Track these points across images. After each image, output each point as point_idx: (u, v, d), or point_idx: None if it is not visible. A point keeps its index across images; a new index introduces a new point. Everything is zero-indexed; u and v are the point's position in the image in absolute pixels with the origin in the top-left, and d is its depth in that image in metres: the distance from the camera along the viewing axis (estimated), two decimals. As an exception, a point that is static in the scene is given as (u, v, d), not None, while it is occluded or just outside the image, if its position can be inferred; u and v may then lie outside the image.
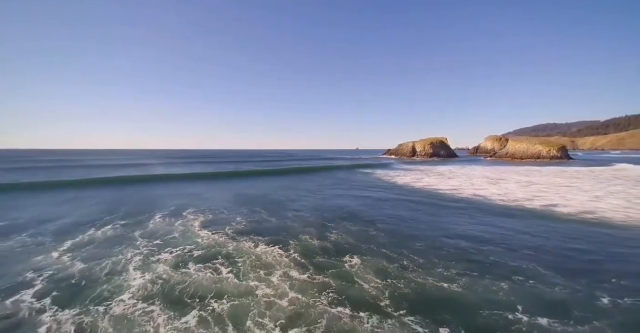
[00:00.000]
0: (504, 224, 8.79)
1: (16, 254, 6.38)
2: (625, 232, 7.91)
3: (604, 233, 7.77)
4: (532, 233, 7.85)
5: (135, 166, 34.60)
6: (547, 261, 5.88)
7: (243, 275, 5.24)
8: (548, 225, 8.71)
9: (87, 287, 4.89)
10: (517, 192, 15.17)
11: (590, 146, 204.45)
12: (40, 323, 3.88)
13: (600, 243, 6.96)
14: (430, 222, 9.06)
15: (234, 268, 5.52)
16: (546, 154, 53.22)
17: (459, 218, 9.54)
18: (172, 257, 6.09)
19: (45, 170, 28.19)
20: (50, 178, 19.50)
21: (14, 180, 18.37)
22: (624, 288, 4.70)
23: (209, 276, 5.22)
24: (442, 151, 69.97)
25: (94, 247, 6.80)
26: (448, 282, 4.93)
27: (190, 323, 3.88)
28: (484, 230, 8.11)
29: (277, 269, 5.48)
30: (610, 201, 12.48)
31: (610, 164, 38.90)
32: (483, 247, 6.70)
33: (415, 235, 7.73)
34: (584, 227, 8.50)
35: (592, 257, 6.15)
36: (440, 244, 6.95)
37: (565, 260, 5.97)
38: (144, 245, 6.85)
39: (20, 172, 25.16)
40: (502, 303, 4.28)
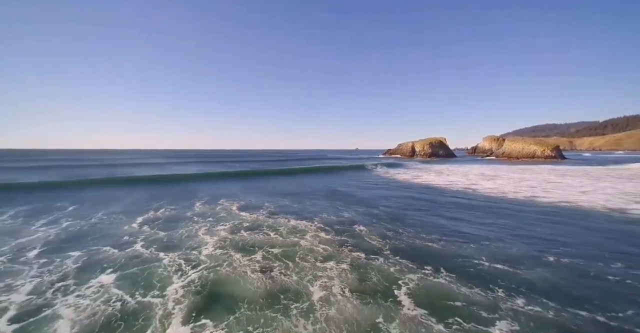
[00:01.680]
0: (485, 209, 10.81)
1: (106, 226, 8.38)
2: (589, 214, 9.93)
3: (565, 215, 9.80)
4: (505, 214, 9.88)
5: (150, 165, 36.58)
6: (510, 233, 7.88)
7: (285, 236, 7.27)
8: (521, 209, 10.72)
9: (177, 242, 6.90)
10: (508, 187, 17.20)
11: (588, 146, 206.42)
12: (160, 259, 5.87)
13: (556, 223, 8.98)
14: (422, 206, 11.08)
15: (277, 233, 7.55)
16: (541, 154, 55.24)
17: (448, 204, 11.56)
18: (228, 227, 8.11)
19: (66, 169, 30.18)
20: (84, 177, 21.52)
21: (64, 179, 20.38)
22: (561, 251, 6.72)
23: (261, 237, 7.24)
24: (440, 151, 71.99)
25: (162, 222, 8.81)
26: (431, 242, 6.91)
27: (257, 258, 5.88)
28: (465, 212, 10.14)
29: (308, 233, 7.51)
30: (593, 195, 14.49)
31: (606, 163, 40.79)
32: (460, 222, 8.72)
33: (409, 214, 9.77)
34: (550, 209, 10.52)
35: (546, 230, 8.16)
36: (429, 219, 8.99)
37: (524, 232, 7.98)
38: (200, 221, 8.87)
39: (42, 171, 27.14)
40: (471, 256, 6.17)
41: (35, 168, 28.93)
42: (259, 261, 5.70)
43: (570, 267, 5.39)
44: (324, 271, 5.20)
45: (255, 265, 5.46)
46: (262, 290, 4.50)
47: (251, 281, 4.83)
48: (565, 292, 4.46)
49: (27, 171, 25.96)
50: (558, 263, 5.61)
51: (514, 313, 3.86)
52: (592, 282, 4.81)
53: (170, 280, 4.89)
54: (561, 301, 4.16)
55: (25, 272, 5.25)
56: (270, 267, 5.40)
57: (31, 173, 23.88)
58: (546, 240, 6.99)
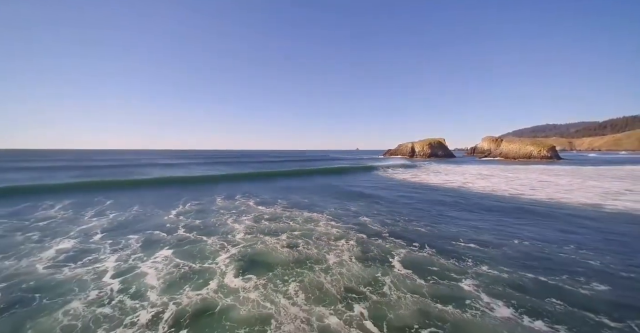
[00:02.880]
0: (472, 204, 12.27)
1: (148, 217, 9.85)
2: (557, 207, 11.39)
3: (540, 209, 11.26)
4: (488, 208, 11.34)
5: (156, 166, 38.08)
6: (487, 223, 9.35)
7: (302, 223, 8.76)
8: (504, 204, 12.19)
9: (212, 228, 8.37)
10: (500, 185, 18.65)
11: (588, 147, 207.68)
12: (204, 240, 7.32)
13: (531, 215, 10.44)
14: (418, 201, 12.56)
15: (294, 221, 9.03)
16: (537, 154, 56.67)
17: (441, 200, 13.03)
18: (251, 218, 9.59)
19: (77, 169, 31.71)
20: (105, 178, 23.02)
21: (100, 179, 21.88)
22: (526, 236, 8.19)
23: (282, 224, 8.72)
24: (439, 151, 73.44)
25: (193, 214, 10.29)
26: (420, 228, 8.38)
27: (282, 238, 7.33)
28: (454, 206, 11.60)
29: (320, 221, 8.99)
30: (576, 192, 15.95)
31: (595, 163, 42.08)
32: (448, 214, 10.20)
33: (405, 207, 11.25)
34: (529, 205, 11.98)
35: (519, 221, 9.62)
36: (421, 212, 10.46)
37: (500, 222, 9.45)
38: (226, 213, 10.35)
39: (53, 172, 28.67)
40: (450, 238, 7.57)
41: (44, 169, 30.46)
42: (285, 240, 7.18)
43: (529, 247, 6.83)
44: (336, 246, 6.68)
45: (282, 243, 6.94)
46: (291, 258, 5.98)
47: (281, 252, 6.31)
48: (519, 263, 5.88)
49: (44, 171, 27.50)
50: (520, 244, 7.06)
51: (476, 275, 5.29)
52: (543, 256, 6.24)
53: (217, 253, 6.36)
54: (515, 268, 5.58)
55: (102, 249, 6.72)
56: (295, 243, 6.88)
57: (50, 173, 25.41)
58: (516, 228, 8.44)
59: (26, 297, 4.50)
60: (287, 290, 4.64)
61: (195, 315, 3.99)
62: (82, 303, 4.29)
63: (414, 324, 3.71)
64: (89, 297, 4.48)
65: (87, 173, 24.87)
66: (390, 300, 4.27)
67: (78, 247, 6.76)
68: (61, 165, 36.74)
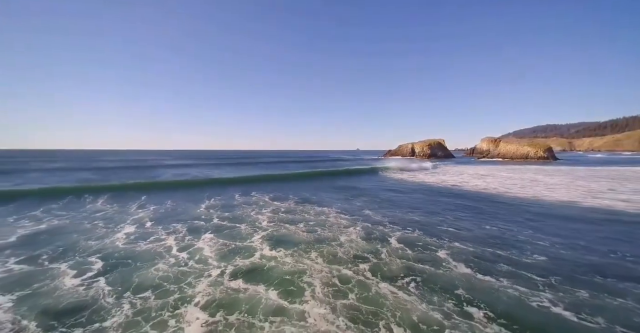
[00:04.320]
0: (461, 199, 13.98)
1: (183, 209, 11.59)
2: (539, 204, 13.09)
3: (519, 204, 12.95)
4: (474, 202, 13.05)
5: (167, 166, 39.90)
6: (469, 213, 11.06)
7: (315, 215, 10.50)
8: (489, 198, 13.88)
9: (240, 218, 10.09)
10: (493, 184, 20.33)
11: (587, 147, 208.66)
12: (237, 226, 9.05)
13: (508, 208, 12.14)
14: (414, 197, 14.28)
15: (308, 214, 10.77)
16: (534, 155, 58.26)
17: (434, 195, 14.75)
18: (270, 211, 11.31)
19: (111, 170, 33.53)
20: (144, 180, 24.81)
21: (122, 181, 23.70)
22: (496, 223, 9.90)
23: (297, 216, 10.44)
24: (439, 152, 75.10)
25: (220, 207, 12.02)
26: (414, 217, 10.10)
27: (300, 226, 9.04)
28: (445, 200, 13.32)
29: (331, 214, 10.73)
30: (559, 191, 17.63)
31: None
32: (438, 207, 11.92)
33: (402, 202, 12.97)
34: (511, 200, 13.68)
35: (499, 211, 11.32)
36: (416, 205, 12.18)
37: (480, 213, 11.15)
38: (246, 207, 12.08)
39: (102, 172, 30.50)
40: (436, 223, 9.34)
41: (59, 170, 32.32)
42: (303, 227, 8.93)
43: (495, 231, 8.51)
44: (345, 231, 8.42)
45: (301, 228, 8.69)
46: (311, 238, 7.71)
47: (302, 235, 8.05)
48: (483, 241, 7.56)
49: (59, 172, 29.35)
50: (490, 229, 8.76)
51: (449, 248, 6.99)
52: (503, 237, 7.91)
53: (251, 235, 8.09)
54: (479, 245, 7.26)
55: (159, 233, 8.45)
56: (312, 229, 8.63)
57: (66, 175, 27.26)
58: (491, 218, 10.14)
59: (123, 262, 6.25)
60: (311, 257, 6.37)
61: (249, 272, 5.72)
62: (166, 265, 6.02)
63: (401, 275, 5.43)
64: (169, 262, 6.22)
65: (103, 175, 26.68)
66: (386, 262, 6.00)
67: (140, 231, 8.52)
68: (77, 166, 38.62)
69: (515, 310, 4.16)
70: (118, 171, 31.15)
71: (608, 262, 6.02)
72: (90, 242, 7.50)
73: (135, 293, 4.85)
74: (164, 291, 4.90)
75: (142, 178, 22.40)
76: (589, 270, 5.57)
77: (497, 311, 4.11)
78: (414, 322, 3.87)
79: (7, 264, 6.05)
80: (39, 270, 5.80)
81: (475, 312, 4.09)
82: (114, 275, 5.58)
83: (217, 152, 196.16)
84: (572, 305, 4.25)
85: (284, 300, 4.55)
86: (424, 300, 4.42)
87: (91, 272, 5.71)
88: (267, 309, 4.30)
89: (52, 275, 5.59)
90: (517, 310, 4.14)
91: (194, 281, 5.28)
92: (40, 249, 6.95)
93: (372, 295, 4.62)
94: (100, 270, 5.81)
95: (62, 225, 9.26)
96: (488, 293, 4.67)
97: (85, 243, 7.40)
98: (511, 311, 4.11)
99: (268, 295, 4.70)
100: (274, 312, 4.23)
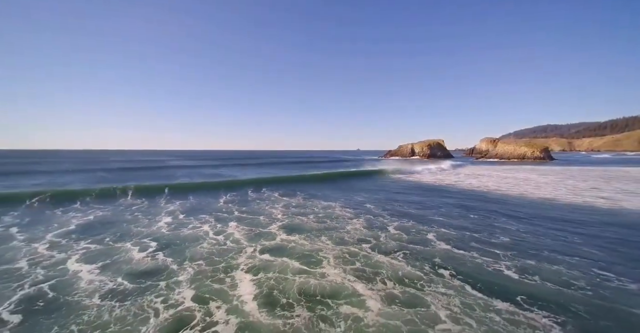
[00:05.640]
0: (452, 195, 15.50)
1: (205, 203, 13.14)
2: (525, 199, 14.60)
3: (503, 199, 14.47)
4: (465, 197, 14.57)
5: (176, 168, 41.49)
6: (455, 205, 12.58)
7: (323, 209, 12.03)
8: (479, 195, 15.40)
9: (257, 211, 11.62)
10: (488, 183, 21.81)
11: (587, 147, 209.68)
12: (257, 217, 10.56)
13: (491, 202, 13.66)
14: (411, 194, 15.81)
15: (316, 207, 12.30)
16: (530, 155, 59.70)
17: (430, 193, 16.28)
18: (281, 205, 12.86)
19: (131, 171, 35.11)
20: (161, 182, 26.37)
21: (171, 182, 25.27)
22: (477, 212, 11.43)
23: (307, 210, 11.97)
24: (438, 152, 76.58)
25: (237, 202, 13.56)
26: (409, 210, 11.62)
27: (311, 217, 10.56)
28: (437, 196, 14.84)
29: (336, 208, 12.27)
30: (546, 189, 19.13)
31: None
32: (431, 201, 13.45)
33: (399, 197, 14.51)
34: (497, 196, 15.20)
35: (484, 204, 12.84)
36: (411, 199, 13.71)
37: (464, 206, 12.67)
38: (260, 202, 13.63)
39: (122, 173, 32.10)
40: (428, 214, 10.87)
41: (70, 172, 33.92)
42: (313, 218, 10.47)
43: (476, 219, 10.04)
44: (350, 221, 9.96)
45: (312, 219, 10.23)
46: (321, 227, 9.25)
47: (313, 224, 9.58)
48: (464, 226, 9.07)
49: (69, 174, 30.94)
50: (472, 218, 10.30)
51: (436, 232, 8.50)
52: (481, 224, 9.42)
53: (270, 224, 9.62)
54: (459, 229, 8.76)
55: (192, 222, 9.95)
56: (321, 219, 10.18)
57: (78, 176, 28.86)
58: (475, 209, 11.66)
59: (173, 242, 7.78)
60: (323, 240, 7.90)
61: (275, 249, 7.24)
62: (208, 245, 7.56)
63: (395, 250, 6.96)
64: (210, 242, 7.76)
65: (117, 175, 28.25)
66: (384, 243, 7.54)
67: (176, 221, 10.08)
68: (90, 168, 40.23)
69: (475, 271, 5.69)
70: (130, 172, 32.77)
71: (556, 242, 7.54)
72: (139, 229, 9.06)
73: (191, 262, 6.39)
74: (214, 261, 6.44)
75: (157, 179, 24.02)
76: (540, 247, 7.10)
77: (461, 272, 5.64)
78: (401, 277, 5.40)
79: (81, 244, 7.60)
80: (109, 248, 7.35)
81: (444, 272, 5.62)
82: (170, 251, 7.12)
83: (218, 152, 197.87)
84: (519, 269, 5.77)
85: (307, 266, 6.08)
86: (410, 265, 5.96)
87: (151, 249, 7.26)
88: (294, 271, 5.83)
89: (121, 250, 7.15)
90: (476, 271, 5.67)
91: (234, 255, 6.81)
92: (101, 234, 8.52)
93: (373, 263, 6.16)
94: (157, 247, 7.35)
95: (107, 216, 10.84)
96: (458, 261, 6.20)
97: (136, 229, 8.97)
98: (471, 272, 5.64)
99: (294, 264, 6.23)
100: (300, 272, 5.77)
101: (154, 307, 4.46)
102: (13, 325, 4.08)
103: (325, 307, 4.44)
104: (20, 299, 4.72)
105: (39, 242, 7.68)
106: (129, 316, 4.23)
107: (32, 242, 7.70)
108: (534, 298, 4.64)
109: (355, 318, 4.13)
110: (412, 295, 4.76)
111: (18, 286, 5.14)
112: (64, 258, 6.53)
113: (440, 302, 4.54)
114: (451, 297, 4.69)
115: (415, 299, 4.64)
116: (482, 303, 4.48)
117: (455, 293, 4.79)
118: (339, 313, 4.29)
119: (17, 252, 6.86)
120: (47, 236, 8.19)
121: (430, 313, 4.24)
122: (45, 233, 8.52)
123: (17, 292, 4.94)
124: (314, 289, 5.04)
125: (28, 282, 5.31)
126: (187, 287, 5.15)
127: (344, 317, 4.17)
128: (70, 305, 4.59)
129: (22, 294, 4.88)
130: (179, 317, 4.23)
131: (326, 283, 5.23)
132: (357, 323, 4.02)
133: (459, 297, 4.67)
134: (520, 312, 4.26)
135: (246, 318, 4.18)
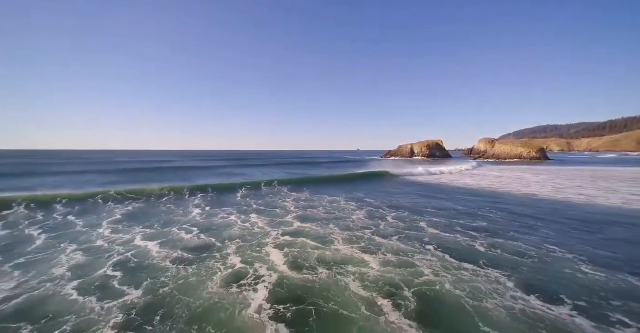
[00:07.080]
0: (446, 193, 17.16)
1: (225, 198, 14.79)
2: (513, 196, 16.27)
3: (492, 195, 16.14)
4: (458, 193, 16.24)
5: (185, 169, 43.13)
6: (445, 199, 14.24)
7: (329, 203, 13.71)
8: (472, 191, 17.07)
9: (272, 204, 13.27)
10: (483, 182, 23.46)
11: (586, 148, 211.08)
12: (272, 210, 12.21)
13: (481, 198, 15.33)
14: (410, 191, 17.48)
15: (323, 201, 13.97)
16: (526, 155, 61.32)
17: (426, 190, 17.93)
18: (292, 199, 14.53)
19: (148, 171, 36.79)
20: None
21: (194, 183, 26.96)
22: (465, 205, 13.10)
23: (315, 203, 13.65)
24: (437, 152, 78.23)
25: (252, 196, 15.22)
26: (404, 203, 13.28)
27: (320, 210, 12.20)
28: (432, 193, 16.50)
29: (341, 202, 13.93)
30: (536, 187, 20.79)
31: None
32: (426, 198, 15.12)
33: (397, 193, 16.18)
34: (489, 193, 16.86)
35: (475, 198, 14.50)
36: (408, 195, 15.38)
37: (454, 200, 14.33)
38: (272, 196, 15.29)
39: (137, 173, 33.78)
40: (423, 207, 12.53)
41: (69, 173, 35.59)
42: (321, 210, 12.14)
43: (464, 210, 11.68)
44: (354, 213, 11.62)
45: (321, 211, 11.90)
46: (330, 217, 10.91)
47: (322, 215, 11.24)
48: (452, 216, 10.69)
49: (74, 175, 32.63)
50: (461, 209, 11.95)
51: (428, 221, 10.12)
52: (467, 213, 11.04)
53: (285, 215, 11.27)
54: (448, 218, 10.38)
55: (220, 213, 11.60)
56: (329, 211, 11.85)
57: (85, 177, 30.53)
58: (464, 203, 13.30)
59: (210, 228, 9.42)
60: (331, 227, 9.54)
61: (294, 233, 8.88)
62: (239, 230, 9.21)
63: (392, 235, 8.62)
64: (241, 227, 9.42)
65: (129, 177, 29.92)
66: (383, 230, 9.19)
67: (206, 212, 11.75)
68: (99, 169, 41.91)
69: (453, 246, 7.35)
70: (141, 173, 34.48)
71: (524, 228, 9.18)
72: (178, 218, 10.75)
73: (230, 241, 8.03)
74: (248, 240, 8.10)
75: (173, 179, 25.70)
76: (511, 230, 8.79)
77: (442, 247, 7.31)
78: (396, 251, 7.07)
79: (136, 229, 9.26)
80: (159, 232, 9.02)
81: (431, 247, 7.29)
82: (211, 234, 8.79)
83: (218, 152, 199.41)
84: (488, 245, 7.43)
85: (322, 245, 7.73)
86: (403, 244, 7.63)
87: (195, 232, 8.93)
88: (312, 247, 7.49)
89: (171, 233, 8.82)
90: (453, 247, 7.34)
91: (262, 237, 8.48)
92: (145, 221, 10.19)
93: (375, 243, 7.81)
94: (199, 231, 9.02)
95: (143, 207, 12.53)
96: (442, 240, 7.88)
97: (173, 218, 10.65)
98: (451, 247, 7.31)
99: (311, 243, 7.88)
100: (317, 248, 7.42)
101: (217, 267, 6.14)
102: (119, 277, 5.74)
103: (339, 269, 6.11)
104: (115, 263, 6.40)
105: (100, 228, 9.37)
106: (202, 272, 5.91)
107: (94, 228, 9.38)
108: (493, 262, 6.31)
109: (362, 274, 5.80)
110: (405, 261, 6.43)
111: (109, 256, 6.81)
112: (130, 238, 8.21)
113: (425, 264, 6.21)
114: (434, 262, 6.36)
115: (406, 263, 6.31)
116: (456, 265, 6.14)
117: (437, 260, 6.46)
118: (349, 272, 5.95)
119: (89, 235, 8.54)
120: (104, 223, 9.88)
121: (417, 270, 5.91)
122: (100, 220, 10.22)
123: (110, 259, 6.62)
124: (330, 258, 6.70)
125: (114, 253, 6.99)
126: (234, 256, 6.82)
127: (354, 273, 5.85)
128: (153, 265, 6.27)
129: (115, 260, 6.55)
130: (237, 272, 5.90)
131: (338, 255, 6.90)
132: (363, 276, 5.69)
133: (440, 262, 6.34)
134: (481, 270, 5.92)
135: (282, 274, 5.85)
